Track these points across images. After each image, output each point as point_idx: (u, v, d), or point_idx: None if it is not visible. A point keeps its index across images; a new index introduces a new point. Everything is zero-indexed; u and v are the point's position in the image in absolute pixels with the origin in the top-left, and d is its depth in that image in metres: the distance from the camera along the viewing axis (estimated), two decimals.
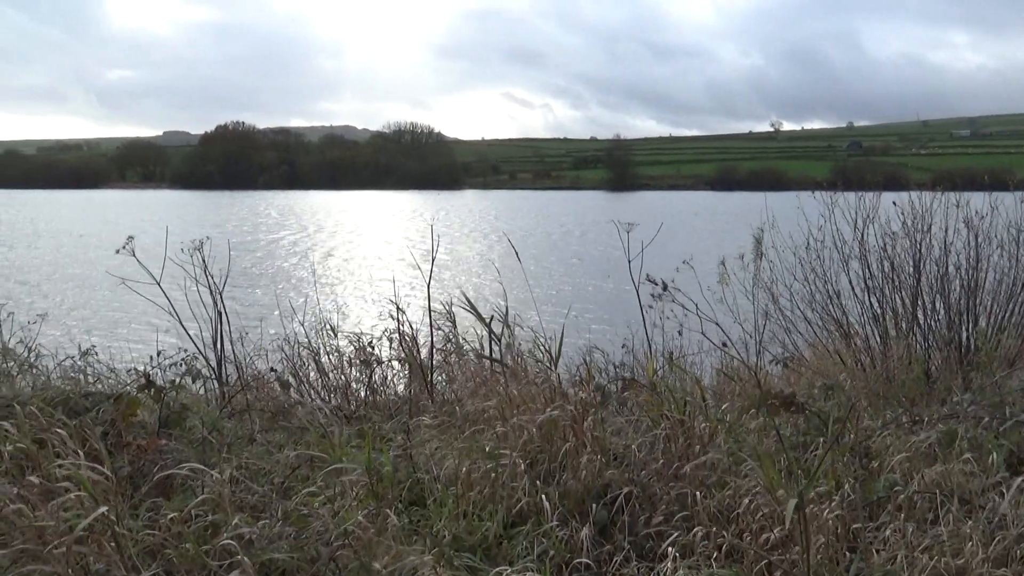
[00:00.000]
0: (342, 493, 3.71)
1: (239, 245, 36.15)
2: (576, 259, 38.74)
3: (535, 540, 3.50)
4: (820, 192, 8.34)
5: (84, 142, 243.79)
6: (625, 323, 7.94)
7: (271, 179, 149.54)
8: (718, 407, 4.79)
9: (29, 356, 6.58)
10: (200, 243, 6.51)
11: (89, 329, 16.01)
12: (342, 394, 6.35)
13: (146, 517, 3.35)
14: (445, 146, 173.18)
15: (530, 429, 4.28)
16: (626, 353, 7.70)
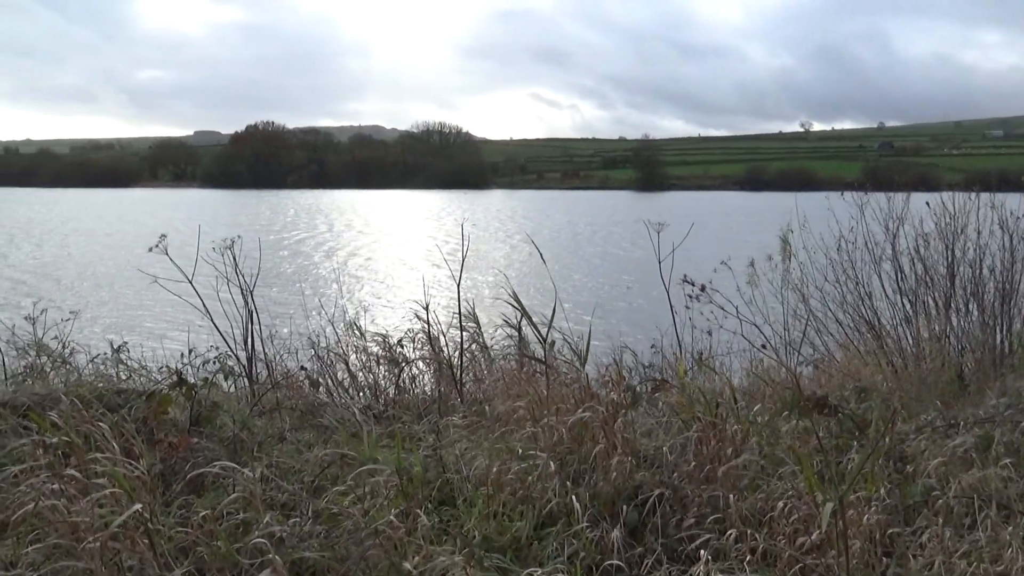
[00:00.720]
0: (372, 492, 3.71)
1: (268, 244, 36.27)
2: (602, 259, 38.66)
3: (565, 541, 3.47)
4: (851, 192, 8.25)
5: (116, 142, 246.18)
6: (654, 323, 7.91)
7: (300, 178, 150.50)
8: (749, 409, 4.75)
9: (63, 352, 6.64)
10: (231, 242, 6.55)
11: (120, 326, 16.14)
12: (371, 393, 6.36)
13: (178, 514, 3.36)
14: (473, 146, 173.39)
15: (560, 430, 4.26)
16: (655, 353, 7.66)
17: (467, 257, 6.45)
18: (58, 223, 63.33)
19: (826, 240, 8.33)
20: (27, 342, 6.82)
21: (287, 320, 8.46)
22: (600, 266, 35.26)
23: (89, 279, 30.92)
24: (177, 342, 8.04)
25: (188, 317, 7.69)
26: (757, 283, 8.34)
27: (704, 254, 8.09)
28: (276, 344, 7.16)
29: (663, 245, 6.34)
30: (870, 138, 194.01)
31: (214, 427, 4.62)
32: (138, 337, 10.42)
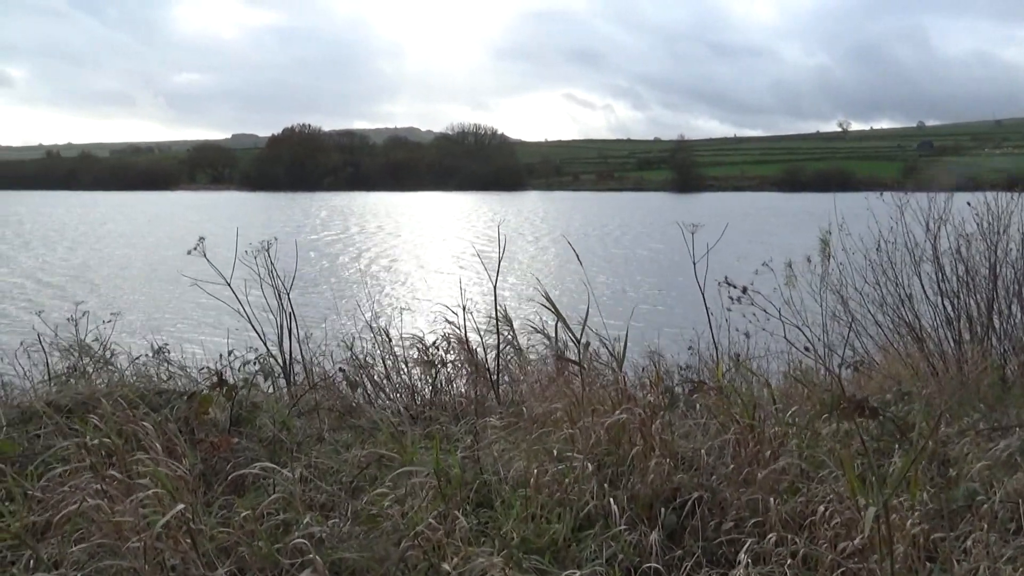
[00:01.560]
0: (411, 493, 3.72)
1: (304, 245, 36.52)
2: (636, 260, 38.54)
3: (603, 544, 3.46)
4: (890, 193, 8.18)
5: (155, 145, 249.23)
6: (690, 325, 7.87)
7: (336, 180, 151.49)
8: (787, 411, 4.71)
9: (104, 354, 6.72)
10: (268, 244, 6.61)
11: (159, 328, 16.32)
12: (408, 395, 6.38)
13: (219, 514, 3.39)
14: (508, 147, 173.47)
15: (598, 432, 4.25)
16: (692, 355, 7.63)
17: (501, 259, 6.45)
18: (97, 226, 64.20)
19: (865, 241, 8.26)
20: (69, 343, 6.91)
21: (321, 322, 8.51)
22: (635, 267, 35.16)
23: (128, 281, 31.31)
24: (214, 342, 8.11)
25: (224, 319, 7.77)
26: (795, 284, 8.28)
27: (740, 255, 8.04)
28: (312, 346, 7.21)
29: (698, 246, 6.31)
30: (909, 138, 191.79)
31: (254, 427, 4.66)
32: (176, 338, 10.53)
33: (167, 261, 33.97)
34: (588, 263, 32.21)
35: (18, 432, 4.38)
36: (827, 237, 8.88)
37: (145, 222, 69.23)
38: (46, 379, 6.13)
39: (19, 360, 6.76)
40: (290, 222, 66.43)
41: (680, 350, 7.77)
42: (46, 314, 7.49)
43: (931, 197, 7.93)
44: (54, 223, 66.35)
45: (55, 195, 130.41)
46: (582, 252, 6.99)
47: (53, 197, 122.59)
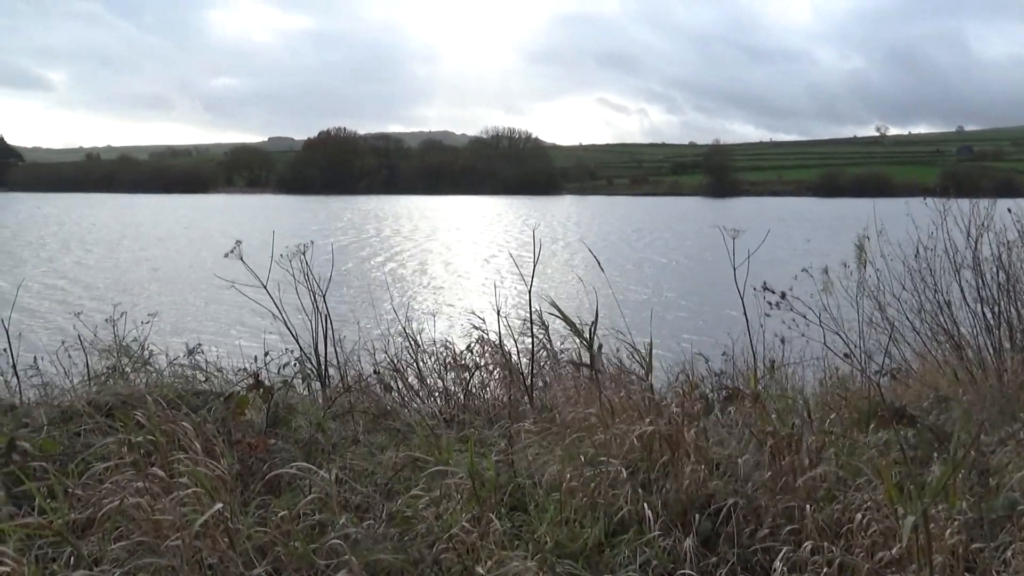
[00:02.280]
0: (445, 496, 3.73)
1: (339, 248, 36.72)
2: (673, 264, 38.42)
3: (637, 549, 3.46)
4: (931, 198, 8.09)
5: (194, 148, 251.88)
6: (724, 330, 7.83)
7: (372, 184, 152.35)
8: (824, 418, 4.68)
9: (142, 354, 6.80)
10: (304, 248, 6.65)
11: (196, 329, 16.50)
12: (442, 398, 6.40)
13: (256, 514, 3.42)
14: (542, 151, 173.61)
15: (631, 437, 4.24)
16: (726, 361, 7.58)
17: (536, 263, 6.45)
18: (135, 228, 65.00)
19: (904, 247, 8.18)
20: (108, 344, 7.00)
21: (355, 324, 8.55)
22: (669, 272, 35.05)
23: (165, 283, 31.67)
24: (250, 345, 8.18)
25: (259, 321, 7.82)
26: (832, 290, 8.21)
27: (776, 260, 8.00)
28: (346, 348, 7.25)
29: (725, 251, 6.28)
30: (948, 142, 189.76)
31: (289, 429, 4.70)
32: (213, 340, 10.63)
33: (204, 263, 34.35)
34: (621, 268, 32.15)
35: (59, 431, 4.44)
36: (864, 242, 8.79)
37: (182, 224, 69.99)
38: (86, 379, 6.21)
39: (59, 360, 6.87)
40: (324, 225, 66.88)
41: (714, 356, 7.73)
42: (85, 315, 7.60)
43: (973, 203, 7.84)
44: (93, 225, 67.24)
45: (94, 197, 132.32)
46: (614, 256, 6.99)
47: (92, 199, 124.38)
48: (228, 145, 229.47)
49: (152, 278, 33.54)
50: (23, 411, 4.91)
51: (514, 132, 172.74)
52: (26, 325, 15.59)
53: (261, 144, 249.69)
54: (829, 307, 7.71)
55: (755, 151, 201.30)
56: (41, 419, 4.60)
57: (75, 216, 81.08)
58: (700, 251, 40.75)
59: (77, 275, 34.51)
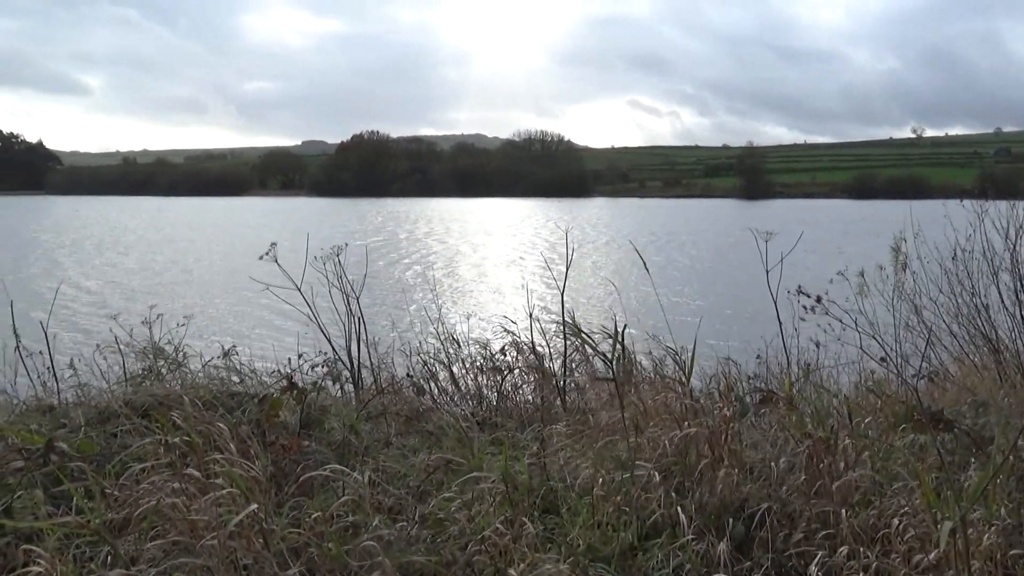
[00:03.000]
0: (478, 499, 3.73)
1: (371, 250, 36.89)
2: (704, 267, 38.25)
3: (671, 553, 3.44)
4: (969, 200, 8.00)
5: (228, 151, 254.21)
6: (758, 334, 7.77)
7: (404, 187, 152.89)
8: (861, 423, 4.63)
9: (177, 356, 6.85)
10: (337, 250, 6.69)
11: (230, 331, 16.63)
12: (474, 400, 6.41)
13: (290, 515, 3.44)
14: (574, 154, 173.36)
15: (664, 441, 4.23)
16: (759, 364, 7.53)
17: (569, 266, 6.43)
18: (172, 230, 65.70)
19: (941, 250, 8.10)
20: (144, 346, 7.06)
21: (387, 326, 8.58)
22: (701, 275, 34.89)
23: (201, 285, 31.96)
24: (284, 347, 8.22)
25: (293, 323, 7.87)
26: (868, 293, 8.13)
27: (809, 263, 7.93)
28: (379, 350, 7.27)
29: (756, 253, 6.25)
30: (985, 144, 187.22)
31: (322, 431, 4.72)
32: (247, 341, 10.71)
33: (238, 266, 34.63)
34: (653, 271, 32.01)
35: (96, 432, 4.49)
36: (900, 245, 8.70)
37: (217, 227, 70.64)
38: (122, 380, 6.27)
39: (96, 362, 6.94)
40: (357, 227, 67.22)
41: (747, 359, 7.67)
42: (121, 317, 7.67)
43: (1012, 205, 7.75)
44: (129, 228, 68.03)
45: (131, 200, 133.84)
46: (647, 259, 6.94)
47: (129, 202, 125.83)
48: (262, 148, 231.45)
49: (187, 280, 33.89)
50: (61, 412, 4.97)
51: (546, 135, 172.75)
52: (63, 327, 15.80)
53: (295, 147, 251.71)
54: (865, 310, 7.65)
55: (788, 153, 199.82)
56: (79, 420, 4.65)
57: (112, 219, 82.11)
58: (732, 254, 40.57)
59: (113, 278, 34.93)
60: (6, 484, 3.70)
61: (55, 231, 64.56)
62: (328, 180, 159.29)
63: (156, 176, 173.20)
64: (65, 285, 29.55)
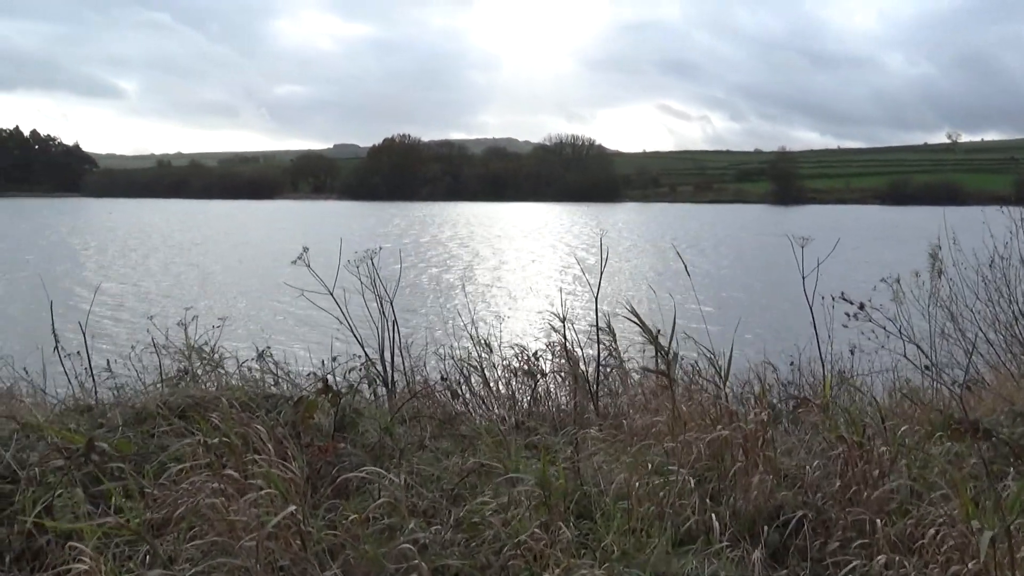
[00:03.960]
0: (513, 503, 3.74)
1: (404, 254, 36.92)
2: (738, 272, 38.03)
3: (705, 560, 3.43)
4: (1007, 207, 7.92)
5: (261, 155, 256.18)
6: (792, 339, 7.73)
7: (435, 190, 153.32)
8: (896, 430, 4.59)
9: (212, 357, 6.91)
10: (371, 254, 6.72)
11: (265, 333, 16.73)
12: (507, 404, 6.41)
13: (326, 517, 3.47)
14: (605, 158, 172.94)
15: (699, 446, 4.21)
16: (793, 370, 7.49)
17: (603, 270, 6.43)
18: (206, 233, 66.30)
19: (979, 257, 8.02)
20: (179, 347, 7.13)
21: (421, 329, 8.61)
22: (735, 281, 34.69)
23: (235, 288, 32.21)
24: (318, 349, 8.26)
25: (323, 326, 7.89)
26: (903, 300, 8.06)
27: (842, 270, 7.88)
28: (413, 353, 7.29)
29: (789, 258, 6.22)
30: (1022, 150, 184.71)
31: (357, 433, 4.74)
32: (281, 344, 10.77)
33: (272, 269, 34.87)
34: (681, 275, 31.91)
35: (133, 432, 4.54)
36: (937, 252, 8.62)
37: (251, 230, 71.22)
38: (158, 381, 6.34)
39: (132, 363, 7.02)
40: (390, 231, 67.51)
41: (781, 365, 7.63)
42: (157, 319, 7.75)
43: None
44: (162, 231, 68.71)
45: (165, 203, 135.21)
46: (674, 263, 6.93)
47: (163, 204, 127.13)
48: (294, 152, 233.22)
49: (222, 282, 34.17)
50: (99, 412, 5.03)
51: (577, 139, 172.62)
52: (100, 328, 15.98)
53: (327, 151, 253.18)
54: (901, 317, 7.58)
55: (821, 158, 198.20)
56: (116, 420, 4.70)
57: (146, 221, 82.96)
58: (764, 259, 40.34)
59: (147, 279, 35.28)
60: (47, 483, 3.76)
61: (89, 233, 65.35)
62: (359, 183, 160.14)
63: (190, 179, 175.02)
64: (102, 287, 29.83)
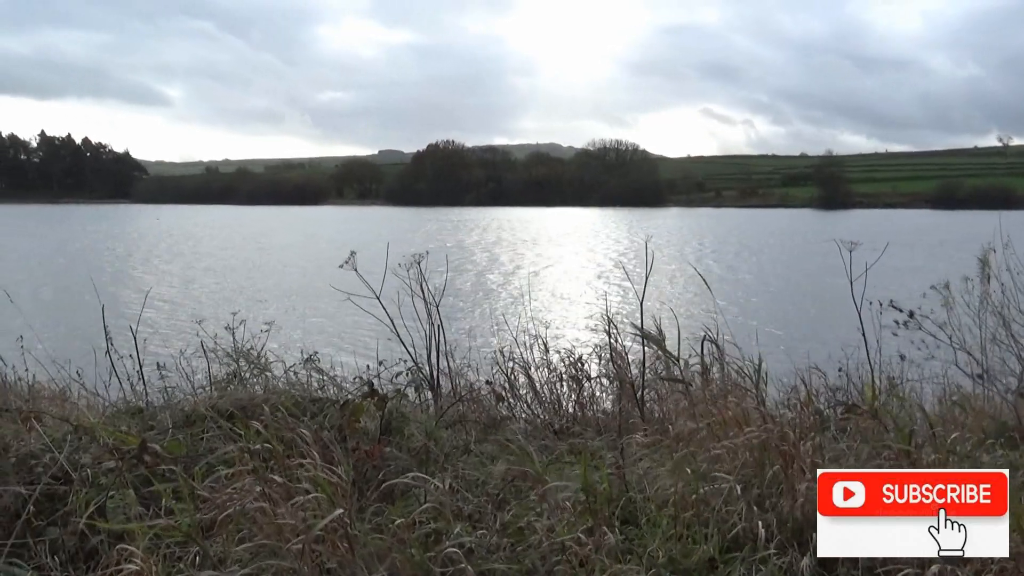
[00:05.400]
0: (557, 508, 3.73)
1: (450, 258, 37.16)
2: (786, 278, 37.72)
3: (752, 566, 3.40)
4: None
5: (307, 160, 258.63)
6: (839, 345, 7.64)
7: (478, 196, 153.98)
8: (946, 437, 4.52)
9: (260, 361, 6.99)
10: (419, 258, 6.75)
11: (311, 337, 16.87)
12: (552, 409, 6.41)
13: (372, 521, 3.49)
14: (649, 163, 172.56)
15: (744, 452, 4.18)
16: (840, 376, 7.40)
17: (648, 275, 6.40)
18: (255, 239, 67.12)
19: None
20: (227, 351, 7.22)
21: (465, 333, 8.62)
22: (782, 286, 34.42)
23: (282, 292, 32.54)
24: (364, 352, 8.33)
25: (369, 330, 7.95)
26: (953, 306, 7.93)
27: (891, 275, 7.78)
28: (458, 357, 7.31)
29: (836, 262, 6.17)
30: None
31: (402, 437, 4.77)
32: (327, 347, 10.87)
33: (318, 273, 35.20)
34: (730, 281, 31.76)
35: (183, 434, 4.61)
36: (988, 256, 8.46)
37: (298, 235, 71.97)
38: (207, 384, 6.42)
39: (181, 366, 7.12)
40: (434, 236, 67.85)
41: (828, 370, 7.54)
42: (205, 323, 7.85)
43: None
44: (211, 236, 69.66)
45: (213, 209, 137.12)
46: (724, 269, 6.88)
47: (211, 211, 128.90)
48: (339, 158, 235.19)
49: (269, 287, 34.54)
50: (150, 414, 5.11)
51: (621, 144, 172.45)
52: (150, 331, 16.21)
53: (371, 157, 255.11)
54: (951, 324, 7.46)
55: (868, 162, 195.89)
56: (166, 422, 4.77)
57: (193, 227, 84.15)
58: (811, 264, 39.99)
59: (195, 284, 35.77)
60: (99, 484, 3.83)
61: (139, 239, 66.46)
62: (404, 189, 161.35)
63: (237, 185, 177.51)
64: (158, 287, 30.29)
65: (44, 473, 3.89)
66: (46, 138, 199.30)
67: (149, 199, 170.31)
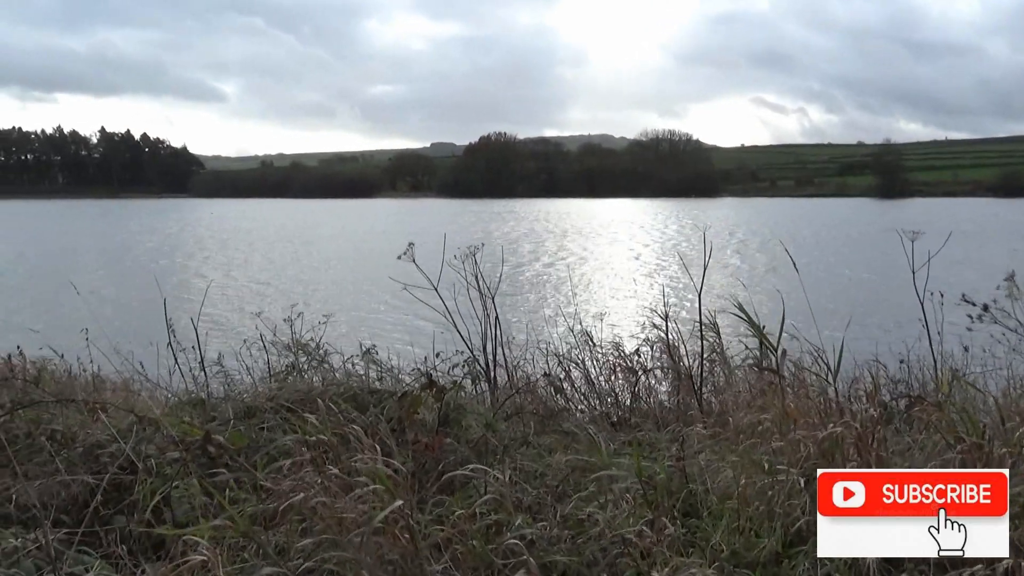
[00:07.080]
0: (617, 500, 3.71)
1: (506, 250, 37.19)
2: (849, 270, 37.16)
3: (817, 562, 3.34)
4: None
5: (359, 154, 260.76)
6: (901, 336, 7.51)
7: (530, 187, 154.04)
8: (1015, 429, 4.41)
9: (318, 353, 7.05)
10: (474, 249, 6.76)
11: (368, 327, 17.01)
12: (609, 401, 6.38)
13: (432, 512, 3.50)
14: (702, 153, 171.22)
15: (808, 445, 4.11)
16: (903, 368, 7.27)
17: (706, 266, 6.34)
18: (311, 231, 67.85)
19: None
20: (286, 343, 7.29)
21: (522, 325, 8.62)
22: (844, 276, 33.93)
23: (339, 284, 32.86)
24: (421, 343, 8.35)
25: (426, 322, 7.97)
26: (1019, 296, 7.75)
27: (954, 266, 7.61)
28: (514, 349, 7.31)
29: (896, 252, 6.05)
30: None
31: (460, 429, 4.77)
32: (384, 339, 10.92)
33: (375, 265, 35.48)
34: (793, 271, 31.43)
35: (244, 425, 4.65)
36: None
37: (353, 228, 72.63)
38: (267, 376, 6.49)
39: (241, 358, 7.21)
40: (490, 227, 68.00)
41: (889, 362, 7.42)
42: (264, 315, 7.94)
43: None
44: (268, 229, 70.54)
45: (267, 202, 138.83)
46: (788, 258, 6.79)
47: (266, 204, 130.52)
48: (391, 151, 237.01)
49: (327, 280, 34.90)
50: (211, 405, 5.18)
51: (674, 134, 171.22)
52: (210, 324, 16.45)
53: (424, 149, 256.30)
54: (1016, 313, 7.29)
55: (927, 150, 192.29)
56: (227, 413, 4.82)
57: (250, 220, 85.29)
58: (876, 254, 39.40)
59: (253, 277, 36.23)
60: (164, 474, 3.88)
61: (198, 232, 67.53)
62: (456, 181, 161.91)
63: (291, 179, 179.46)
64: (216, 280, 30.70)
65: (111, 463, 3.95)
66: (106, 134, 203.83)
67: (206, 193, 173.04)
